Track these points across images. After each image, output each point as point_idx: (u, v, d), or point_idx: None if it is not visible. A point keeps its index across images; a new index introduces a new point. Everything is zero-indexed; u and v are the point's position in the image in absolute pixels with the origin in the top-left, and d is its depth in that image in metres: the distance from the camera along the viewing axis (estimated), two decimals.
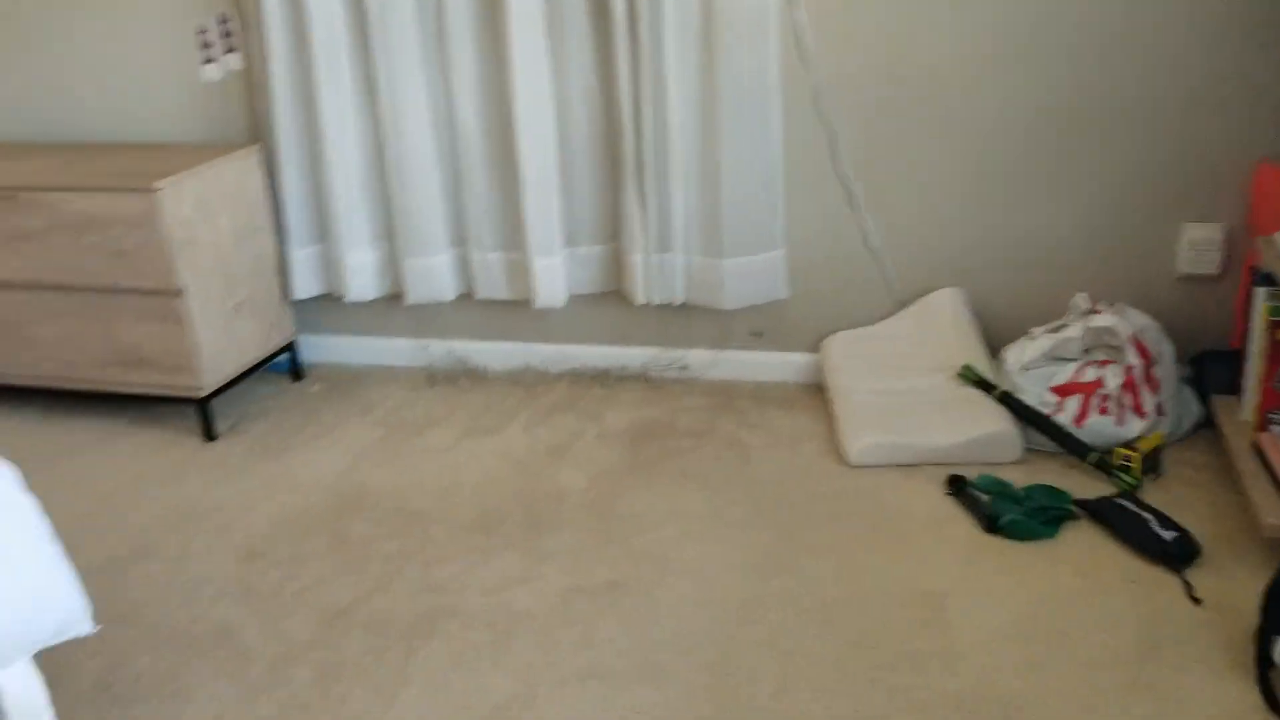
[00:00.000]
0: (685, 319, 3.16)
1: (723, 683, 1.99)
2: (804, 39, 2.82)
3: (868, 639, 2.07)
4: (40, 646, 1.53)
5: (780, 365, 3.14)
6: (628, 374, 3.24)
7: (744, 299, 3.02)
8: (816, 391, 3.06)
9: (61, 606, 1.55)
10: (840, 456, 2.71)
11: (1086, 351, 2.64)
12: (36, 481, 2.82)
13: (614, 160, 3.01)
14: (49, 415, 3.22)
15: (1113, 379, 2.58)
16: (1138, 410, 2.57)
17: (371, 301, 3.34)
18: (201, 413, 3.01)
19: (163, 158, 3.06)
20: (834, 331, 3.07)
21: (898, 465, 2.64)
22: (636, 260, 3.02)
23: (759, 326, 3.11)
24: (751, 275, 3.00)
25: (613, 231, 3.10)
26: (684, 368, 3.21)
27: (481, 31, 2.95)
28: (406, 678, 2.05)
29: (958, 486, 2.51)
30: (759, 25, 2.77)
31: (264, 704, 2.00)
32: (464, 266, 3.22)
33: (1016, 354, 2.72)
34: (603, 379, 3.24)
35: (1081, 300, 2.73)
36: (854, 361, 2.93)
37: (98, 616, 2.26)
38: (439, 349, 3.37)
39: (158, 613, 2.29)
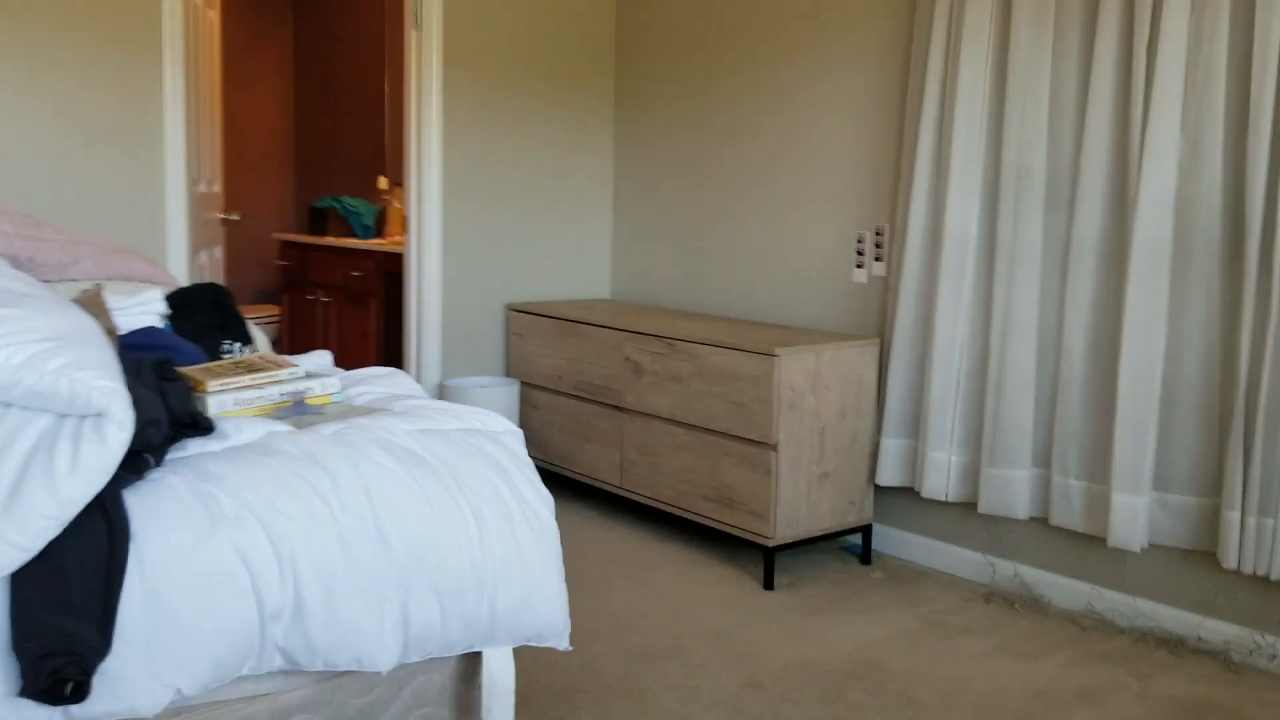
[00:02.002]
0: None
1: None
2: None
3: None
4: (523, 640, 1.86)
5: None
6: (1204, 648, 2.90)
7: None
8: None
9: (549, 615, 1.87)
10: None
11: None
12: (620, 576, 3.33)
13: (1224, 409, 2.81)
14: (653, 530, 3.74)
15: None
16: None
17: (948, 508, 3.42)
18: (767, 561, 3.30)
19: (794, 336, 3.50)
20: None
21: None
22: (1233, 519, 2.75)
23: None
24: None
25: (1212, 485, 2.85)
26: (1274, 657, 2.78)
27: (1103, 261, 2.99)
28: None
29: None
30: None
31: None
32: (1042, 488, 3.17)
33: None
34: (1172, 645, 2.93)
35: None
36: None
37: (616, 687, 2.60)
38: (1005, 569, 3.31)
39: (658, 700, 2.56)
